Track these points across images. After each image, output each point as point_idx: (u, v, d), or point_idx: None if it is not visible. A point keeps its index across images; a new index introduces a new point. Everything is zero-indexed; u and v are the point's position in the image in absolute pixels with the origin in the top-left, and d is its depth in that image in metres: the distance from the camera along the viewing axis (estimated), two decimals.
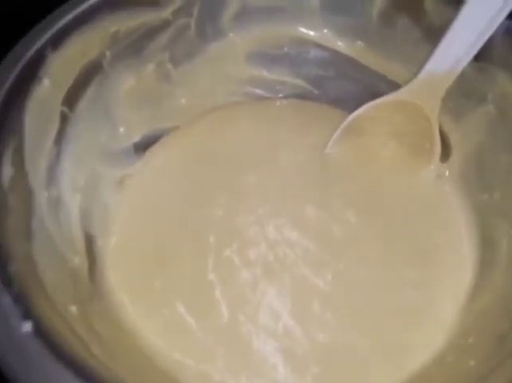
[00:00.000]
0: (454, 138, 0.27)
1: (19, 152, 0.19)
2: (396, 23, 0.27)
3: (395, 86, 0.27)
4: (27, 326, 0.14)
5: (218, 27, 0.28)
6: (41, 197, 0.21)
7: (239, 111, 0.31)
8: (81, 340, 0.16)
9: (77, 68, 0.23)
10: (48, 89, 0.21)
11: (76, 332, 0.16)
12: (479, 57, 0.24)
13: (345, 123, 0.28)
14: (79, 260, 0.22)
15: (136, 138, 0.28)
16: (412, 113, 0.27)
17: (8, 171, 0.18)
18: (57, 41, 0.21)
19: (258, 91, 0.31)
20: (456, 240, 0.25)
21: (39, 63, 0.21)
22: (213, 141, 0.30)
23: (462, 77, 0.25)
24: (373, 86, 0.29)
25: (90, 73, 0.24)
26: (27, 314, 0.14)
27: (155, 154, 0.29)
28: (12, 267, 0.16)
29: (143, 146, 0.28)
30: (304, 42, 0.30)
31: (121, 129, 0.27)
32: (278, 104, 0.32)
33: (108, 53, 0.24)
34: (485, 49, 0.23)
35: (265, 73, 0.31)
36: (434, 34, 0.25)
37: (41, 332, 0.14)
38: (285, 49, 0.30)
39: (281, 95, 0.32)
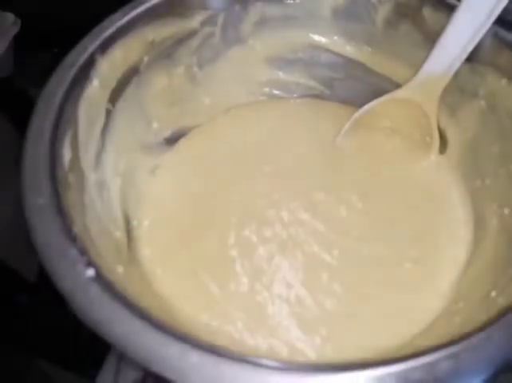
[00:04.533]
0: (450, 131, 0.29)
1: (74, 139, 0.23)
2: (399, 29, 0.30)
3: (398, 86, 0.30)
4: (90, 272, 0.18)
5: (239, 34, 0.31)
6: (91, 178, 0.24)
7: (258, 109, 0.34)
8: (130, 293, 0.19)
9: (121, 70, 0.26)
10: (97, 88, 0.24)
11: (125, 287, 0.19)
12: (471, 58, 0.27)
13: (353, 117, 0.31)
14: (119, 235, 0.26)
15: (167, 133, 0.31)
16: (413, 110, 0.29)
17: (67, 154, 0.22)
18: (105, 48, 0.25)
19: (275, 91, 0.34)
20: (453, 221, 0.28)
21: (91, 66, 0.24)
22: (234, 136, 0.33)
23: (457, 76, 0.27)
24: (379, 86, 0.32)
25: (130, 75, 0.27)
26: (90, 263, 0.18)
27: (184, 146, 0.32)
28: (75, 229, 0.19)
29: (173, 139, 0.32)
30: (316, 47, 0.33)
31: (154, 125, 0.30)
32: (293, 103, 0.34)
33: (145, 58, 0.28)
34: (476, 51, 0.26)
35: (281, 75, 0.34)
36: (433, 38, 0.27)
37: (101, 277, 0.18)
38: (300, 53, 0.33)
39: (295, 95, 0.35)
